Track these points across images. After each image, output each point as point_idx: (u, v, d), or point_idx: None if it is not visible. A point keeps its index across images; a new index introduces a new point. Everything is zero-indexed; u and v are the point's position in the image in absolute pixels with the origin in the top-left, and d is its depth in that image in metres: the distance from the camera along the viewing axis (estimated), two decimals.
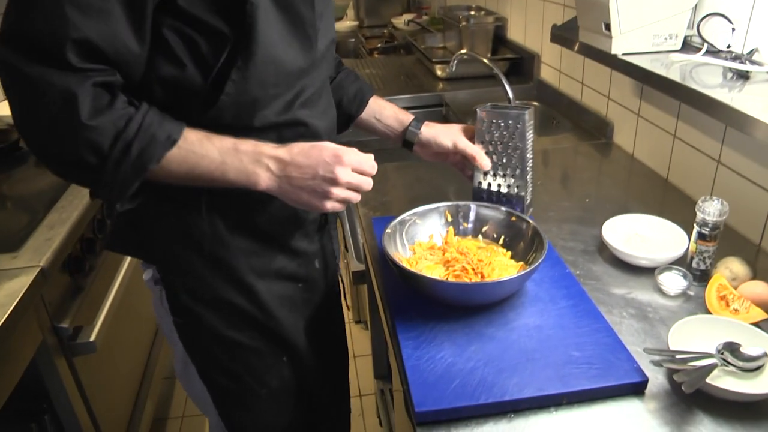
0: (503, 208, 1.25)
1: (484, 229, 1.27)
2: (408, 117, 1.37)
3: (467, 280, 1.09)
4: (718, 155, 1.44)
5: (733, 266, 1.19)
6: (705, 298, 1.15)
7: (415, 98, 2.46)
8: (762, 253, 1.34)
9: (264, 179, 0.97)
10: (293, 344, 1.23)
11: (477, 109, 1.28)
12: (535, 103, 2.36)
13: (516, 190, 1.30)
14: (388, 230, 1.17)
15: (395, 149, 1.43)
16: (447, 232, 1.26)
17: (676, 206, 1.53)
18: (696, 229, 1.19)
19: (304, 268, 1.22)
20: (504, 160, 1.30)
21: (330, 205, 0.99)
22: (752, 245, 1.36)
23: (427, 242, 1.25)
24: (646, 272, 1.25)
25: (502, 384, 0.93)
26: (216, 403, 1.24)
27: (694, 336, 1.04)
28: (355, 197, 1.01)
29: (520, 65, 2.60)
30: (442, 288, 1.06)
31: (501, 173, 1.31)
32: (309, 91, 1.08)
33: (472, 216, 1.27)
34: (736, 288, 1.16)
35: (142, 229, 1.10)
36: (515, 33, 2.73)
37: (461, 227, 1.28)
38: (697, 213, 1.18)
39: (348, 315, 2.99)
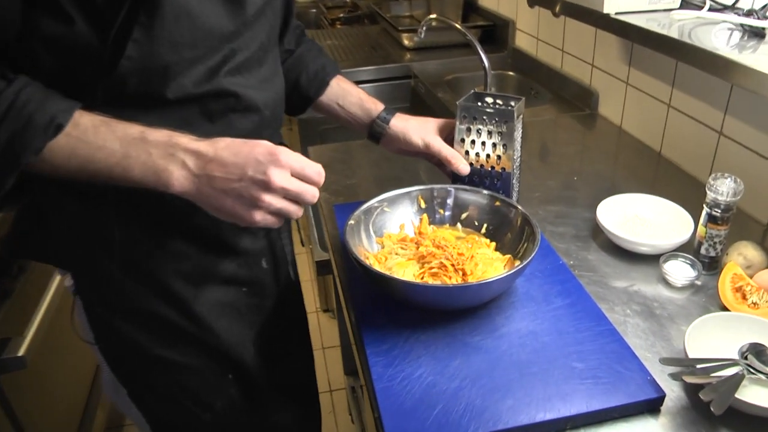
0: (485, 192, 1.08)
1: (464, 216, 1.10)
2: (376, 106, 1.17)
3: (447, 280, 0.92)
4: (720, 126, 1.29)
5: (747, 252, 1.04)
6: (718, 290, 1.00)
7: (381, 70, 2.28)
8: None
9: (178, 178, 0.76)
10: (239, 359, 1.05)
11: (458, 103, 1.11)
12: (510, 73, 2.19)
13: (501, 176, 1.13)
14: (351, 221, 0.99)
15: None
16: (420, 220, 1.09)
17: (671, 183, 1.38)
18: (705, 210, 1.04)
19: (248, 269, 1.04)
20: (488, 158, 1.13)
21: (260, 217, 0.77)
22: (758, 225, 1.22)
23: (398, 233, 1.07)
24: (647, 260, 1.10)
25: (494, 409, 0.77)
26: (154, 431, 1.06)
27: (712, 338, 0.89)
28: (294, 210, 0.79)
29: (493, 33, 2.42)
30: (417, 292, 0.88)
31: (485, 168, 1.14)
32: (241, 55, 0.89)
33: (449, 201, 1.10)
34: (751, 277, 1.01)
35: (46, 227, 0.91)
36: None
37: (437, 215, 1.10)
38: (708, 192, 1.02)
39: (315, 303, 2.83)
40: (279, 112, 1.02)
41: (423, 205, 1.10)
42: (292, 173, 0.77)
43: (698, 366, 0.82)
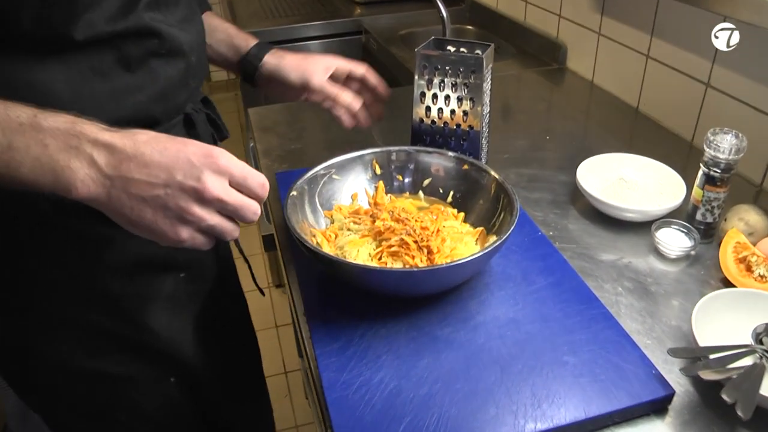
0: (451, 153, 0.93)
1: (426, 182, 0.94)
2: (247, 42, 0.99)
3: (409, 260, 0.77)
4: (708, 77, 1.16)
5: (748, 217, 0.91)
6: (719, 261, 0.88)
7: (329, 25, 2.08)
8: (764, 195, 1.07)
9: (83, 179, 0.56)
10: (181, 358, 0.89)
11: (417, 51, 0.95)
12: (469, 27, 2.03)
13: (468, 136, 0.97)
14: (293, 192, 0.82)
15: None
16: (376, 189, 0.93)
17: (651, 142, 1.24)
18: (702, 170, 0.90)
19: (183, 250, 0.85)
20: (452, 115, 0.98)
21: (186, 235, 0.60)
22: (751, 186, 1.10)
23: (350, 205, 0.91)
24: (635, 228, 0.97)
25: (474, 420, 0.62)
26: None
27: (721, 319, 0.76)
28: (230, 229, 0.62)
29: None
30: (375, 277, 0.72)
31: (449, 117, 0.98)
32: None
33: (410, 166, 0.94)
34: (754, 245, 0.88)
35: None
36: None
37: (395, 182, 0.94)
38: (706, 150, 0.89)
39: (267, 278, 2.65)
40: (204, 58, 0.85)
41: (378, 171, 0.94)
42: (230, 182, 0.59)
43: (711, 357, 0.69)
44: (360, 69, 1.00)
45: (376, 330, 0.74)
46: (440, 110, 0.97)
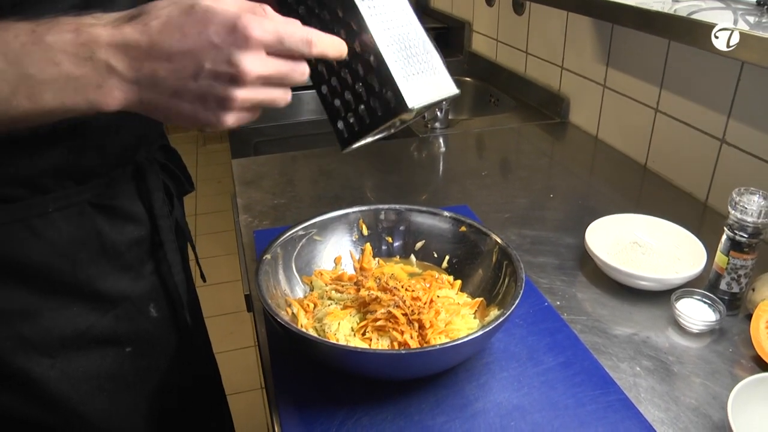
0: (447, 214, 0.83)
1: (419, 245, 0.85)
2: None
3: (398, 336, 0.66)
4: (723, 132, 1.08)
5: None
6: (751, 338, 0.77)
7: None
8: None
9: (108, 91, 0.49)
10: None
11: None
12: (467, 79, 1.97)
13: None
14: (267, 255, 0.72)
15: (287, 135, 0.98)
16: (362, 252, 0.83)
17: (662, 201, 1.15)
18: (727, 234, 0.81)
19: (130, 321, 0.75)
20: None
21: (233, 120, 0.52)
22: None
23: (332, 270, 0.81)
24: (651, 298, 0.87)
25: None
26: None
27: (761, 409, 0.65)
28: (281, 96, 0.54)
29: (447, 37, 2.20)
30: (356, 359, 0.62)
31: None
32: None
33: (400, 226, 0.84)
34: None
35: None
36: (440, 0, 2.33)
37: (384, 244, 0.85)
38: (731, 212, 0.80)
39: (253, 337, 2.53)
40: None
41: (365, 232, 0.84)
42: (269, 51, 0.51)
43: None
44: None
45: (357, 418, 0.63)
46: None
